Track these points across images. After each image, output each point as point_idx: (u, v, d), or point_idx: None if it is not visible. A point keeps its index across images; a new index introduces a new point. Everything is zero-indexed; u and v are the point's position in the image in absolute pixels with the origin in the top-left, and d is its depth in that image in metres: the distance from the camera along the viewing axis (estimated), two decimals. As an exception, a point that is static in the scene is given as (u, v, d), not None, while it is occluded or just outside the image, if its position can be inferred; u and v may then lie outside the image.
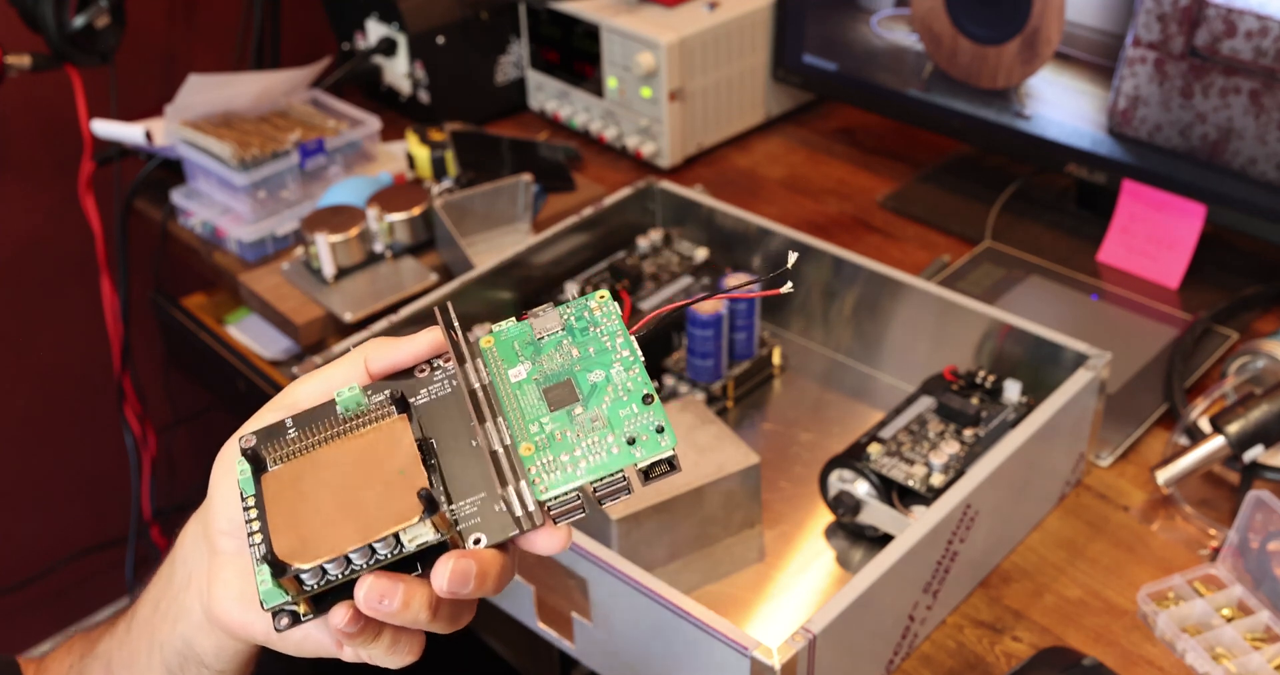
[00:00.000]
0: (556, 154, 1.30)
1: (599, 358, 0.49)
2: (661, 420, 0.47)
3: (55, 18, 1.18)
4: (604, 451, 0.47)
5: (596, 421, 0.47)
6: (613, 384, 0.48)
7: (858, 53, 1.24)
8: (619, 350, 0.49)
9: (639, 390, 0.48)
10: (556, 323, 0.50)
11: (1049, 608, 0.82)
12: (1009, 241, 1.16)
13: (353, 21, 1.40)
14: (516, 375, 0.49)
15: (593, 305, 0.50)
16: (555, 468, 0.47)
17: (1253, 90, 0.97)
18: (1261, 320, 1.06)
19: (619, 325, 0.50)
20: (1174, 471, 0.85)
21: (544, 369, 0.49)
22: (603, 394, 0.48)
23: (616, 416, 0.47)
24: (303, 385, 0.50)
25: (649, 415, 0.47)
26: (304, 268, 1.14)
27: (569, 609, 0.79)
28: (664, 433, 0.47)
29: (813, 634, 0.67)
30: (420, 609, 0.45)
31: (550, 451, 0.47)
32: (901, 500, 0.84)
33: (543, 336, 0.49)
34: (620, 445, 0.47)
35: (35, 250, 1.46)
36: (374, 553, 0.45)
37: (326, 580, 0.45)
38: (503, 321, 0.50)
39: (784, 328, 1.07)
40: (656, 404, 0.47)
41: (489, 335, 0.50)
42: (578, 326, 0.50)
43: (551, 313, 0.50)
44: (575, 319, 0.50)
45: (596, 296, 0.50)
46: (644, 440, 0.47)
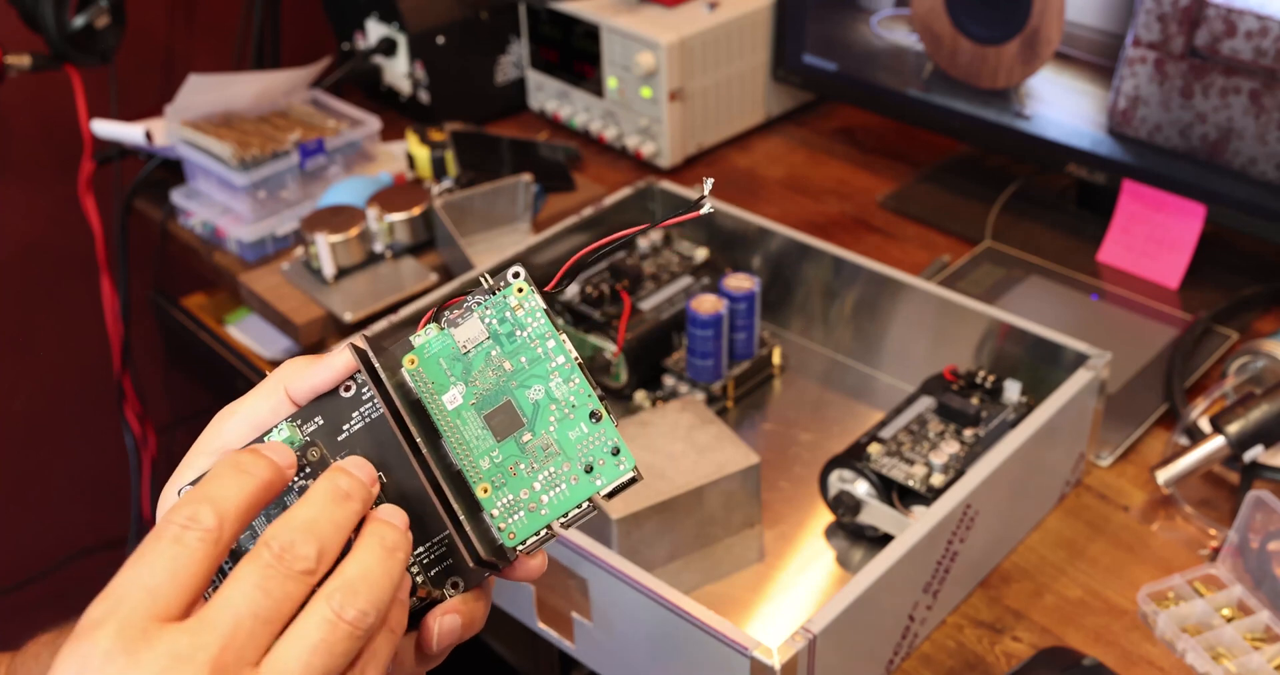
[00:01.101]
0: (556, 154, 1.30)
1: (533, 369, 0.46)
2: (614, 439, 0.45)
3: (55, 18, 1.18)
4: (563, 483, 0.46)
5: (549, 449, 0.46)
6: (555, 402, 0.46)
7: (858, 53, 1.24)
8: (552, 357, 0.46)
9: (584, 406, 0.46)
10: (480, 330, 0.47)
11: (1049, 608, 0.82)
12: (1009, 241, 1.16)
13: (353, 21, 1.40)
14: (451, 402, 0.46)
15: (513, 304, 0.47)
16: (516, 508, 0.46)
17: (1253, 90, 0.97)
18: (1261, 320, 1.06)
19: (545, 325, 0.46)
20: (1174, 471, 0.85)
21: (478, 389, 0.46)
22: (547, 415, 0.46)
23: (567, 440, 0.46)
24: (227, 422, 0.47)
25: (600, 435, 0.46)
26: (304, 268, 1.14)
27: (569, 609, 0.79)
28: (620, 454, 0.45)
29: (813, 634, 0.67)
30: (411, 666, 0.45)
31: (508, 490, 0.46)
32: (901, 500, 0.84)
33: (468, 350, 0.47)
34: (579, 475, 0.45)
35: (35, 250, 1.46)
36: None
37: None
38: (422, 329, 0.47)
39: (784, 328, 1.07)
40: (606, 420, 0.46)
41: (411, 354, 0.47)
42: (503, 331, 0.47)
43: (471, 319, 0.47)
44: (499, 323, 0.47)
45: (514, 291, 0.47)
46: (601, 465, 0.45)
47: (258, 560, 0.39)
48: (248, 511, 0.41)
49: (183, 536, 0.39)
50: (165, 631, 0.38)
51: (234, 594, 0.39)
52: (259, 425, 0.47)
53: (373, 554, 0.41)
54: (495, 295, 0.47)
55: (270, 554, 0.40)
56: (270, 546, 0.40)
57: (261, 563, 0.39)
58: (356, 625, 0.39)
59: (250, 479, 0.41)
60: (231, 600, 0.38)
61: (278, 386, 0.47)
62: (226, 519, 0.40)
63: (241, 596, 0.39)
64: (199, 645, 0.37)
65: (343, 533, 0.41)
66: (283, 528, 0.40)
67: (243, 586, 0.39)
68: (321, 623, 0.39)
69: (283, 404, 0.47)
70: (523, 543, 0.45)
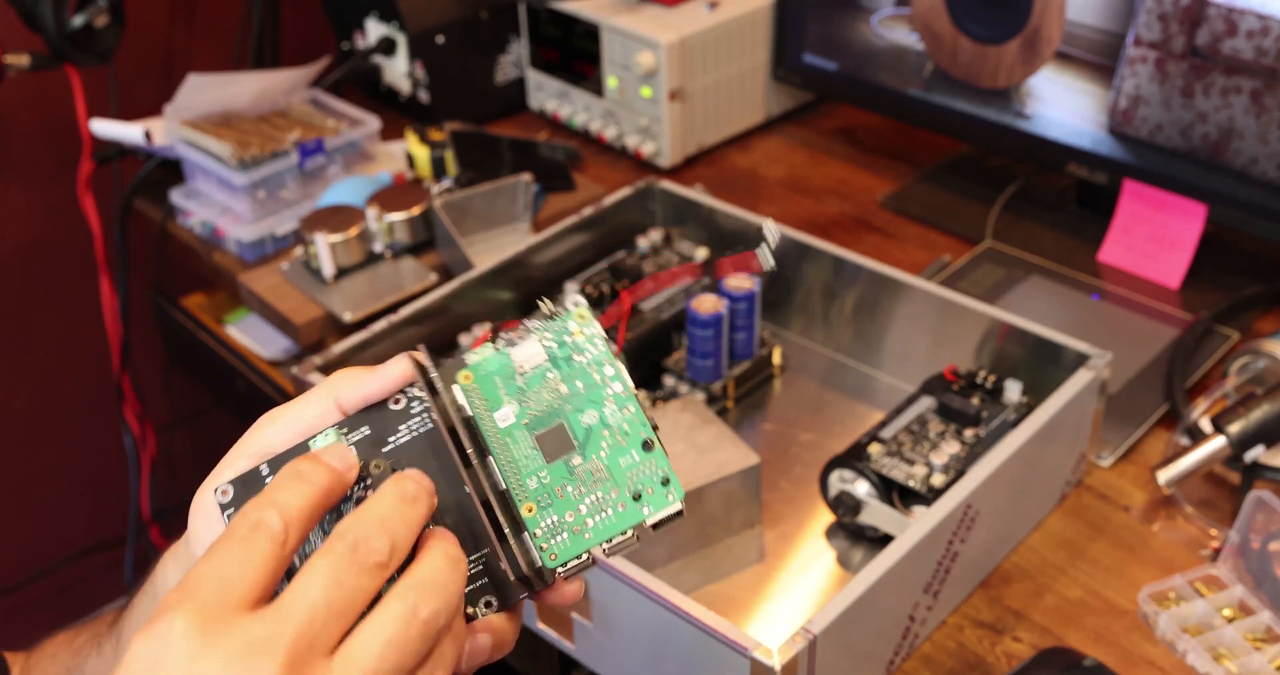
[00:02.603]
0: (556, 154, 1.30)
1: (589, 394, 0.46)
2: (665, 470, 0.45)
3: (54, 17, 1.18)
4: (609, 509, 0.45)
5: (598, 475, 0.45)
6: (609, 428, 0.46)
7: (858, 52, 1.23)
8: (609, 384, 0.46)
9: (637, 435, 0.46)
10: (538, 353, 0.47)
11: (1050, 608, 0.82)
12: (1009, 241, 1.16)
13: (352, 21, 1.40)
14: (504, 419, 0.46)
15: (573, 328, 0.47)
16: (560, 529, 0.45)
17: (1254, 90, 0.97)
18: (1262, 320, 1.05)
19: (604, 352, 0.47)
20: (1175, 472, 0.85)
21: (531, 410, 0.46)
22: (599, 440, 0.46)
23: (618, 467, 0.45)
24: (269, 428, 0.47)
25: (651, 464, 0.45)
26: (303, 268, 1.14)
27: (569, 609, 0.78)
28: (669, 485, 0.45)
29: (813, 634, 0.67)
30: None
31: (553, 511, 0.45)
32: (902, 500, 0.84)
33: (525, 371, 0.47)
34: (626, 502, 0.45)
35: (34, 250, 1.46)
36: None
37: None
38: (478, 349, 0.47)
39: (784, 328, 1.07)
40: (658, 450, 0.45)
41: (468, 370, 0.47)
42: (561, 355, 0.47)
43: (530, 340, 0.47)
44: (557, 346, 0.47)
45: (575, 316, 0.47)
46: (650, 495, 0.45)
47: (331, 553, 0.40)
48: (311, 516, 0.42)
49: (251, 537, 0.40)
50: (241, 618, 0.38)
51: (309, 585, 0.39)
52: (303, 431, 0.47)
53: (442, 560, 0.42)
54: (555, 319, 0.47)
55: (344, 546, 0.40)
56: (345, 539, 0.40)
57: (335, 555, 0.40)
58: (429, 624, 0.40)
59: (311, 487, 0.42)
60: (307, 591, 0.39)
61: (328, 394, 0.47)
62: (291, 523, 0.41)
63: (316, 587, 0.39)
64: (274, 632, 0.38)
65: (412, 532, 0.42)
66: (356, 522, 0.41)
67: (317, 578, 0.39)
68: (396, 618, 0.39)
69: (330, 413, 0.47)
70: (563, 565, 0.45)
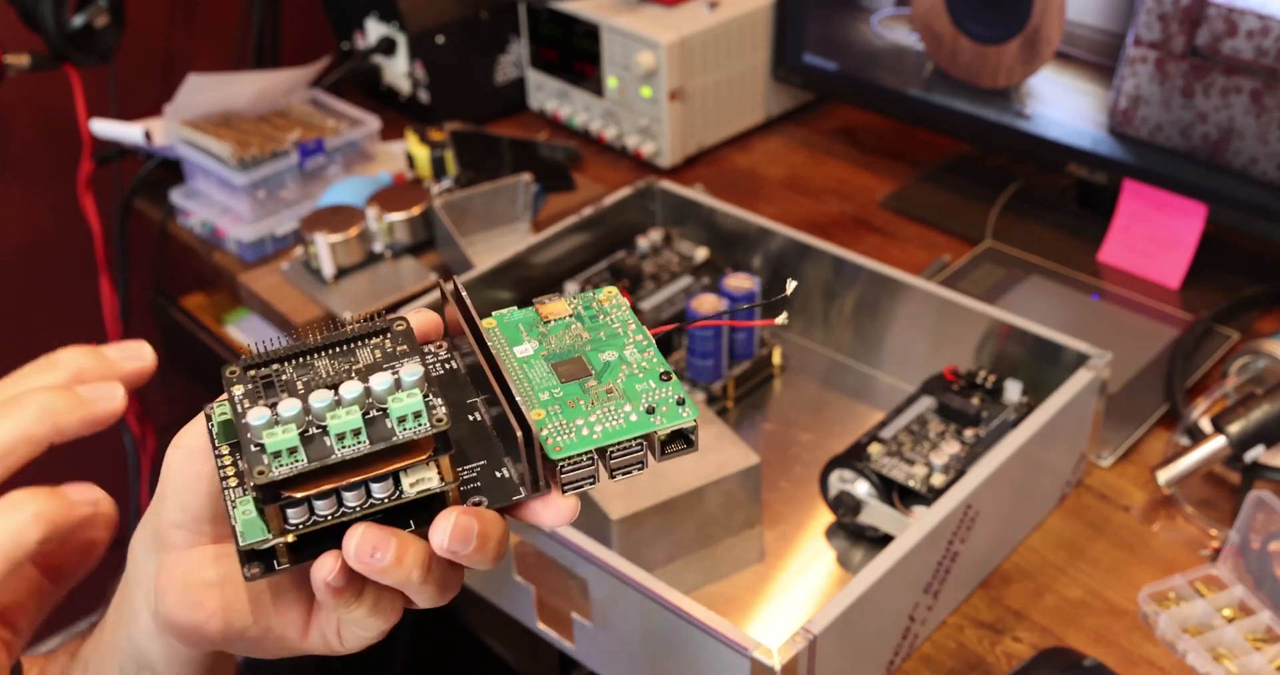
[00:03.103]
0: (556, 154, 1.30)
1: (610, 341, 0.47)
2: (682, 393, 0.45)
3: (54, 17, 1.18)
4: (621, 418, 0.44)
5: (612, 393, 0.45)
6: (626, 363, 0.46)
7: (858, 52, 1.23)
8: (631, 335, 0.47)
9: (655, 369, 0.46)
10: (564, 309, 0.48)
11: (1050, 608, 0.82)
12: (1009, 241, 1.16)
13: (352, 21, 1.40)
14: (523, 352, 0.46)
15: (601, 297, 0.48)
16: (569, 430, 0.44)
17: (1254, 90, 0.97)
18: (1262, 320, 1.05)
19: (630, 314, 0.48)
20: (1175, 472, 0.85)
21: (551, 347, 0.47)
22: (616, 371, 0.46)
23: (633, 389, 0.45)
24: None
25: (668, 389, 0.45)
26: (303, 268, 1.14)
27: (569, 609, 0.78)
28: (685, 404, 0.45)
29: (813, 634, 0.67)
30: (414, 566, 0.42)
31: (563, 416, 0.44)
32: (902, 500, 0.84)
33: (549, 320, 0.48)
34: (639, 414, 0.44)
35: (34, 250, 1.46)
36: (369, 494, 0.42)
37: (313, 520, 0.41)
38: (504, 309, 0.49)
39: (784, 328, 1.07)
40: (675, 381, 0.45)
41: (491, 317, 0.48)
42: (586, 314, 0.48)
43: (558, 300, 0.48)
44: (584, 308, 0.48)
45: (605, 291, 0.49)
46: (664, 411, 0.44)
47: None
48: None
49: None
50: None
51: None
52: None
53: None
54: (585, 291, 0.49)
55: None
56: None
57: None
58: None
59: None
60: None
61: None
62: None
63: None
64: None
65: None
66: None
67: None
68: None
69: None
70: (569, 458, 0.43)
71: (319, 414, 0.41)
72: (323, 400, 0.41)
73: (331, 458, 0.40)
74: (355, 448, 0.41)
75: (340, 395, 0.41)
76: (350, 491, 0.41)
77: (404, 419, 0.41)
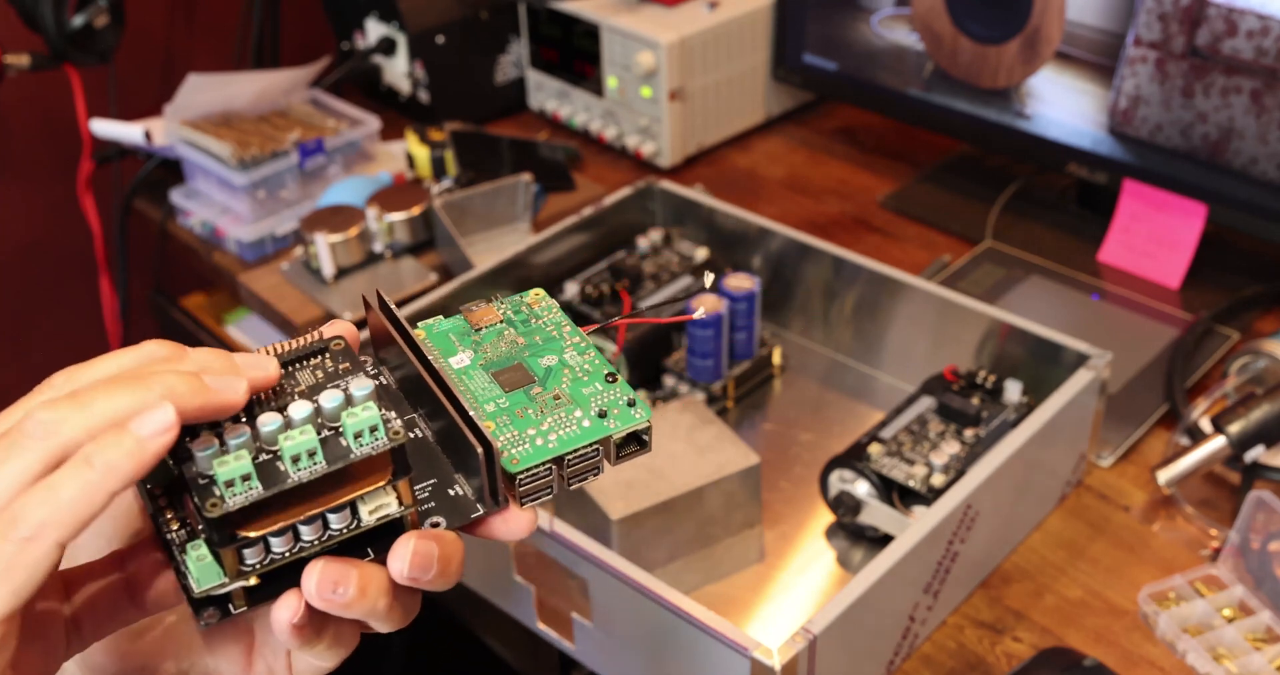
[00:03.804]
0: (556, 154, 1.30)
1: (547, 345, 0.45)
2: (631, 394, 0.44)
3: (54, 17, 1.18)
4: (574, 425, 0.43)
5: (560, 399, 0.43)
6: (569, 367, 0.44)
7: (858, 52, 1.23)
8: (568, 337, 0.46)
9: (599, 371, 0.44)
10: (494, 315, 0.46)
11: (1050, 608, 0.82)
12: (1010, 241, 1.16)
13: (352, 21, 1.40)
14: (459, 362, 0.45)
15: (530, 300, 0.47)
16: (522, 442, 0.42)
17: (1254, 90, 0.97)
18: (1262, 320, 1.05)
19: (562, 316, 0.46)
20: (1175, 472, 0.85)
21: (488, 356, 0.45)
22: (560, 375, 0.44)
23: (581, 394, 0.44)
24: None
25: (616, 391, 0.44)
26: (303, 268, 1.14)
27: (569, 609, 0.78)
28: (636, 405, 0.43)
29: (813, 634, 0.67)
30: (378, 597, 0.40)
31: (514, 427, 0.42)
32: (902, 500, 0.84)
33: (480, 328, 0.46)
34: (592, 419, 0.43)
35: (34, 250, 1.46)
36: (327, 526, 0.39)
37: (270, 558, 0.39)
38: (430, 319, 0.47)
39: (784, 328, 1.07)
40: (622, 382, 0.44)
41: (418, 327, 0.46)
42: (517, 319, 0.46)
43: (485, 307, 0.47)
44: (514, 312, 0.47)
45: (532, 293, 0.47)
46: (616, 413, 0.43)
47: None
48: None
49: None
50: None
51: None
52: None
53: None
54: (513, 295, 0.47)
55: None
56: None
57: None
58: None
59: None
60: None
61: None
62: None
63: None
64: None
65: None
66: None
67: None
68: None
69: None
70: (526, 470, 0.42)
71: (269, 438, 0.39)
72: (271, 424, 0.39)
73: (288, 481, 0.38)
74: (311, 469, 0.38)
75: (290, 416, 0.39)
76: (307, 525, 0.39)
77: (360, 435, 0.39)
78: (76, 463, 0.36)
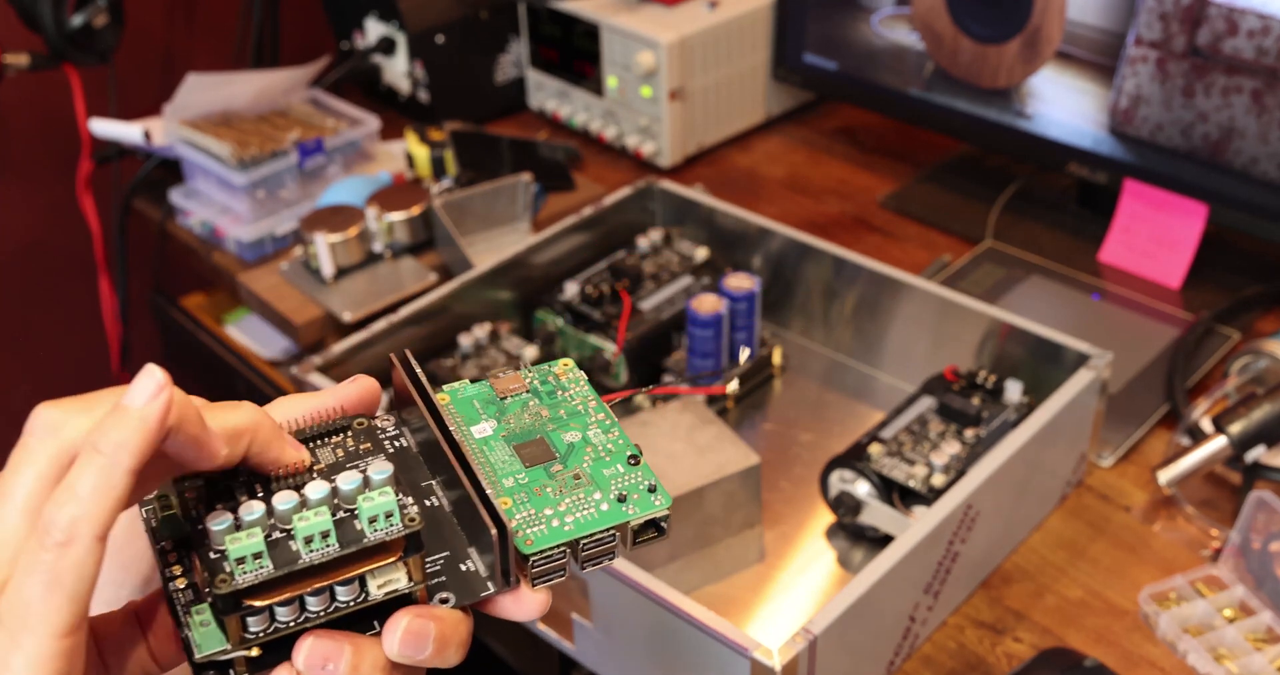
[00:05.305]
0: (556, 153, 1.30)
1: (571, 420, 0.45)
2: (652, 480, 0.43)
3: (53, 17, 1.17)
4: (592, 508, 0.42)
5: (580, 479, 0.43)
6: (592, 445, 0.44)
7: (858, 52, 1.23)
8: (593, 413, 0.45)
9: (622, 452, 0.44)
10: (519, 384, 0.46)
11: (1050, 608, 0.82)
12: (1010, 241, 1.16)
13: (352, 20, 1.40)
14: (481, 432, 0.44)
15: (557, 370, 0.46)
16: (538, 522, 0.42)
17: (1255, 89, 0.97)
18: (1263, 320, 1.05)
19: (589, 390, 0.46)
20: (1175, 472, 0.85)
21: (511, 427, 0.44)
22: (582, 454, 0.44)
23: (601, 475, 0.43)
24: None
25: (638, 475, 0.43)
26: (303, 267, 1.14)
27: (569, 609, 0.78)
28: (657, 492, 0.43)
29: (813, 635, 0.67)
30: (371, 673, 0.39)
31: (531, 505, 0.42)
32: (902, 501, 0.84)
33: (505, 397, 0.45)
34: (610, 502, 0.42)
35: (34, 250, 1.46)
36: (334, 599, 0.39)
37: (274, 627, 0.39)
38: (456, 383, 0.46)
39: (784, 328, 1.06)
40: (644, 465, 0.44)
41: (443, 392, 0.45)
42: (544, 389, 0.46)
43: (512, 374, 0.46)
44: (540, 383, 0.46)
45: (560, 363, 0.46)
46: (636, 499, 0.43)
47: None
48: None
49: None
50: None
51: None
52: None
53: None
54: (541, 364, 0.46)
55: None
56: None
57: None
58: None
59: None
60: None
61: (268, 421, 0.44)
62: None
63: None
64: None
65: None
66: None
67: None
68: None
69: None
70: (540, 553, 0.41)
71: (283, 516, 0.39)
72: (288, 502, 0.39)
73: (299, 562, 0.38)
74: (324, 551, 0.38)
75: (306, 496, 0.39)
76: (315, 596, 0.39)
77: (375, 519, 0.39)
78: (85, 452, 0.36)
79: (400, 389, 0.45)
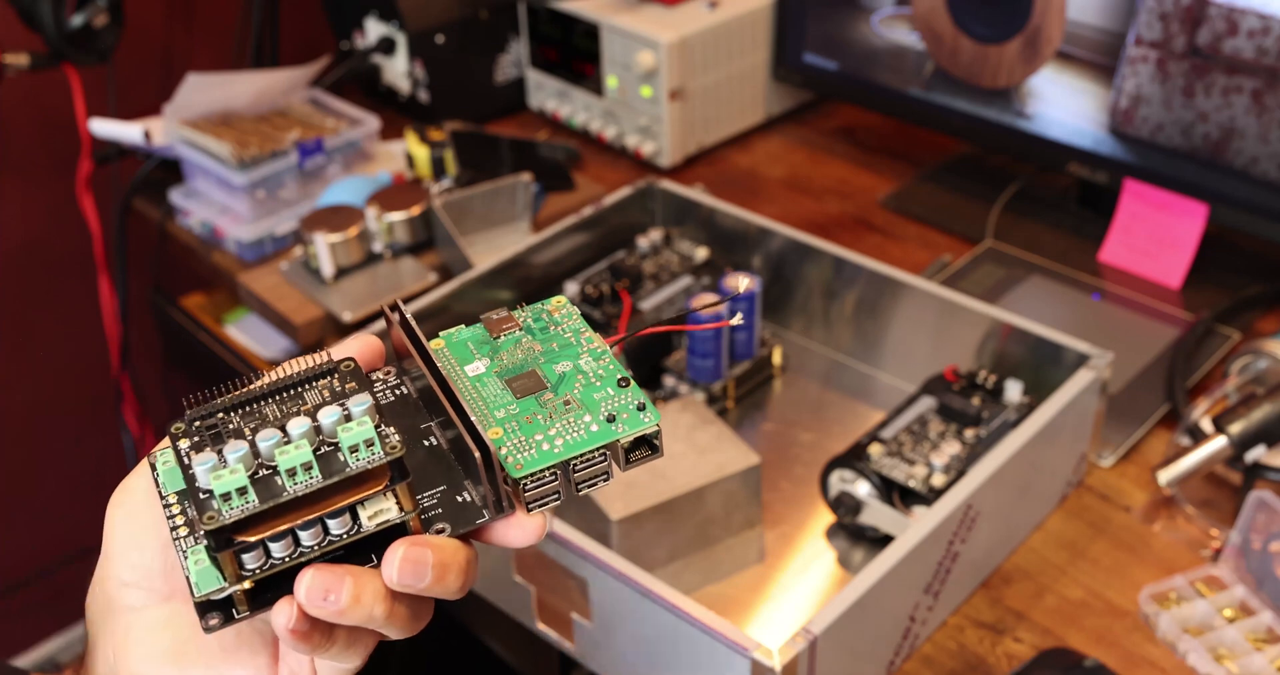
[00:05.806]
0: (556, 153, 1.30)
1: (564, 352, 0.46)
2: (642, 398, 0.44)
3: (53, 17, 1.17)
4: (582, 430, 0.43)
5: (570, 404, 0.44)
6: (582, 373, 0.45)
7: (858, 52, 1.23)
8: (584, 344, 0.46)
9: (612, 375, 0.44)
10: (512, 323, 0.47)
11: (1050, 609, 0.82)
12: (1010, 241, 1.16)
13: (352, 20, 1.40)
14: (474, 370, 0.45)
15: (550, 307, 0.47)
16: (529, 447, 0.42)
17: (1255, 89, 0.97)
18: (1264, 320, 1.05)
19: (581, 323, 0.47)
20: (1176, 472, 0.85)
21: (504, 363, 0.45)
22: (573, 381, 0.44)
23: (591, 399, 0.44)
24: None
25: (627, 396, 0.44)
26: (303, 267, 1.14)
27: (569, 609, 0.78)
28: (646, 409, 0.43)
29: (813, 635, 0.67)
30: (374, 604, 0.40)
31: (521, 433, 0.43)
32: (902, 501, 0.84)
33: (499, 336, 0.46)
34: (600, 423, 0.43)
35: (33, 250, 1.46)
36: (327, 531, 0.40)
37: (270, 563, 0.39)
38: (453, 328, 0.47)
39: (784, 328, 1.06)
40: (634, 386, 0.44)
41: (438, 337, 0.46)
42: (536, 326, 0.47)
43: (506, 314, 0.47)
44: (533, 320, 0.47)
45: (554, 300, 0.48)
46: (625, 417, 0.43)
47: None
48: None
49: None
50: None
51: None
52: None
53: None
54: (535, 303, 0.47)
55: None
56: None
57: None
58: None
59: None
60: None
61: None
62: None
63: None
64: None
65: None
66: None
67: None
68: None
69: None
70: (531, 475, 0.42)
71: (267, 453, 0.40)
72: (269, 439, 0.40)
73: (284, 495, 0.39)
74: (307, 483, 0.39)
75: (288, 433, 0.40)
76: (306, 530, 0.40)
77: (356, 449, 0.39)
78: None
79: (397, 342, 0.46)
